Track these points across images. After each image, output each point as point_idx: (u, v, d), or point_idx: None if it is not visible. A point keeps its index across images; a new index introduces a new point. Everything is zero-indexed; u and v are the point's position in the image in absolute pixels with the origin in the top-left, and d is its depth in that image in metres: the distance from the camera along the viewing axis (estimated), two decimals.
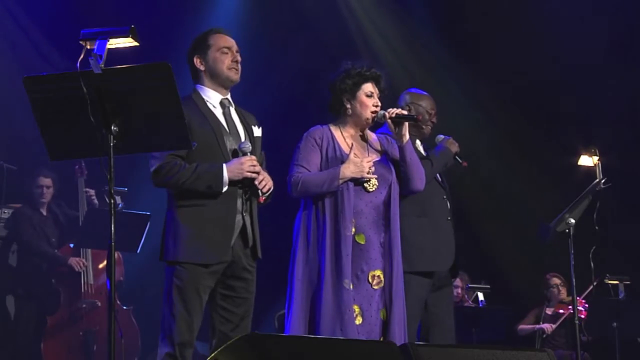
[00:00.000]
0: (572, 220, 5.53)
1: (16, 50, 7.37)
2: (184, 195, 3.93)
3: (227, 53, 4.11)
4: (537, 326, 7.78)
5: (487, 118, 8.49)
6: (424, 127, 5.08)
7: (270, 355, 2.84)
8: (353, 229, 4.45)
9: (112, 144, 3.31)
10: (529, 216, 7.85)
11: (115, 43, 3.31)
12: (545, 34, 8.37)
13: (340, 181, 4.44)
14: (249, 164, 3.94)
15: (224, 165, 3.92)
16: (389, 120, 4.57)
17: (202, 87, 4.12)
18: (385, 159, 4.63)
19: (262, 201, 4.02)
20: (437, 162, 4.98)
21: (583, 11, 8.10)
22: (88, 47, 3.27)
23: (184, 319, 3.87)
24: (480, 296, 7.78)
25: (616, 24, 8.10)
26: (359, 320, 4.42)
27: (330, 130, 4.62)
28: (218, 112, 4.09)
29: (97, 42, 3.26)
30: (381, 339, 4.43)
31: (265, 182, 4.01)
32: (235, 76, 4.12)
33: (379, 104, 4.61)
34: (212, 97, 4.10)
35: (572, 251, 5.56)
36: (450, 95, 8.11)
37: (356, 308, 4.43)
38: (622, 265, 7.38)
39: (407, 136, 4.59)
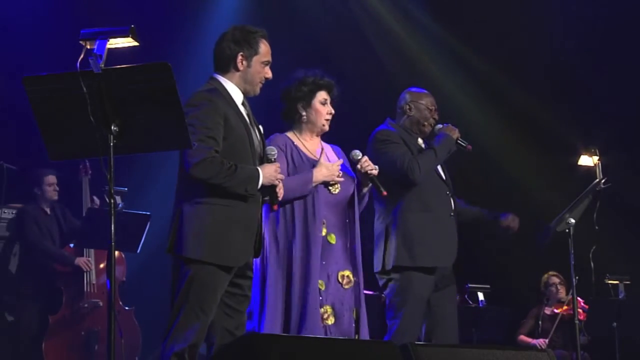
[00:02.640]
0: (572, 220, 5.53)
1: (16, 50, 7.36)
2: (210, 193, 3.88)
3: (265, 67, 4.11)
4: (533, 342, 7.76)
5: (487, 118, 8.49)
6: (425, 124, 5.10)
7: (269, 355, 2.85)
8: (324, 230, 4.52)
9: (112, 144, 3.31)
10: (529, 216, 7.83)
11: (115, 43, 3.31)
12: (545, 33, 8.36)
13: (313, 185, 4.51)
14: (279, 171, 4.00)
15: (260, 169, 3.93)
16: (362, 171, 4.61)
17: (227, 81, 4.07)
18: (344, 166, 4.70)
19: (276, 208, 4.07)
20: (440, 151, 4.99)
21: (584, 9, 8.10)
22: (88, 47, 3.27)
23: (201, 320, 3.81)
24: (480, 296, 7.77)
25: (617, 22, 8.10)
26: (331, 320, 4.47)
27: (289, 137, 4.68)
28: (243, 110, 4.07)
29: (97, 42, 3.26)
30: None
31: (282, 191, 4.07)
32: (258, 90, 4.13)
33: (332, 111, 4.68)
34: (236, 95, 4.07)
35: (572, 251, 5.55)
36: (449, 94, 8.11)
37: (328, 308, 4.48)
38: (622, 265, 7.38)
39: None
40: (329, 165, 4.55)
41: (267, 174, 3.94)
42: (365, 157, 4.62)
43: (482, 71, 8.39)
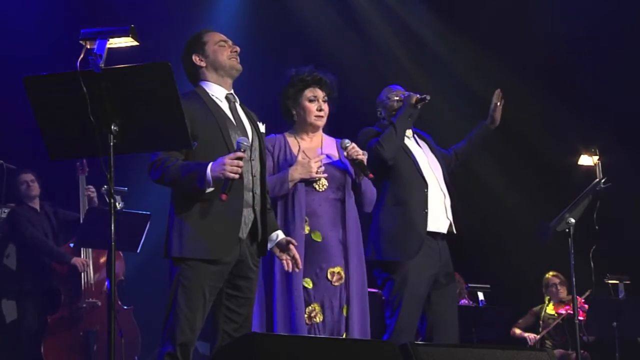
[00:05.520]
0: (572, 220, 5.54)
1: (16, 50, 7.37)
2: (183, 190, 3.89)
3: (224, 46, 4.11)
4: (525, 334, 7.79)
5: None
6: (393, 112, 5.14)
7: (269, 355, 2.84)
8: (307, 228, 4.51)
9: (112, 144, 3.31)
10: (529, 216, 7.84)
11: (115, 43, 3.31)
12: (545, 31, 8.36)
13: (290, 183, 4.52)
14: (230, 164, 3.78)
15: (209, 165, 3.81)
16: (348, 158, 4.59)
17: (206, 82, 4.09)
18: (339, 161, 4.67)
19: (224, 198, 3.79)
20: (399, 121, 5.02)
21: (585, 7, 8.11)
22: (88, 46, 3.27)
23: (187, 319, 3.83)
24: (480, 296, 7.78)
25: (617, 21, 8.10)
26: (319, 318, 4.47)
27: (284, 137, 4.69)
28: (224, 106, 4.06)
29: (97, 42, 3.26)
30: (344, 336, 4.48)
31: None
32: (238, 65, 4.11)
33: (323, 107, 4.67)
34: (217, 92, 4.08)
35: (572, 251, 5.56)
36: (448, 92, 8.11)
37: (316, 306, 4.48)
38: (622, 265, 7.38)
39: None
40: (304, 162, 4.54)
41: (215, 166, 3.78)
42: (353, 144, 4.59)
43: (480, 69, 8.38)
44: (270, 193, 4.44)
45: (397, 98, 5.16)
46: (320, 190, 4.58)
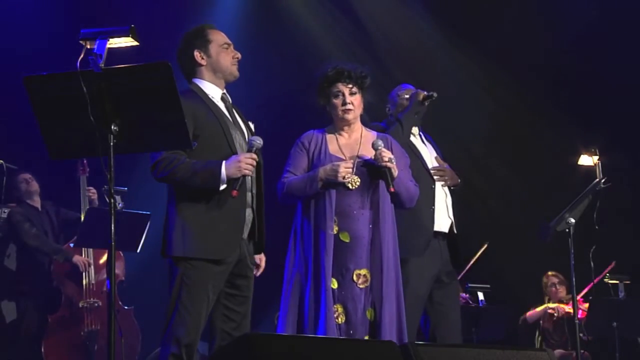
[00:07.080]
0: (572, 220, 5.53)
1: (16, 50, 7.37)
2: (190, 190, 3.89)
3: (227, 49, 4.13)
4: (547, 306, 7.77)
5: (486, 117, 8.49)
6: (404, 102, 5.19)
7: (269, 355, 2.84)
8: (336, 228, 4.46)
9: (112, 144, 3.32)
10: (529, 216, 7.84)
11: (115, 43, 3.32)
12: (545, 32, 8.36)
13: (319, 183, 4.47)
14: (246, 162, 3.88)
15: (223, 163, 3.87)
16: (377, 163, 4.52)
17: (202, 80, 4.10)
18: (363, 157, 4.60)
19: (235, 194, 3.87)
20: (405, 119, 5.04)
21: (584, 7, 8.11)
22: (88, 46, 3.28)
23: (193, 319, 3.82)
24: (480, 296, 7.77)
25: (617, 20, 8.10)
26: (341, 319, 4.42)
27: (324, 133, 4.67)
28: (221, 106, 4.08)
29: (97, 42, 3.27)
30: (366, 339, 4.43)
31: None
32: (237, 72, 4.14)
33: (349, 100, 4.60)
34: (213, 91, 4.09)
35: (572, 251, 5.55)
36: (448, 93, 8.10)
37: (339, 307, 4.43)
38: (622, 265, 7.38)
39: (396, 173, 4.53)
40: (335, 163, 4.50)
41: (229, 166, 3.85)
42: (381, 149, 4.49)
43: (481, 70, 8.38)
44: (301, 192, 4.48)
45: (407, 96, 5.19)
46: (353, 188, 4.50)
